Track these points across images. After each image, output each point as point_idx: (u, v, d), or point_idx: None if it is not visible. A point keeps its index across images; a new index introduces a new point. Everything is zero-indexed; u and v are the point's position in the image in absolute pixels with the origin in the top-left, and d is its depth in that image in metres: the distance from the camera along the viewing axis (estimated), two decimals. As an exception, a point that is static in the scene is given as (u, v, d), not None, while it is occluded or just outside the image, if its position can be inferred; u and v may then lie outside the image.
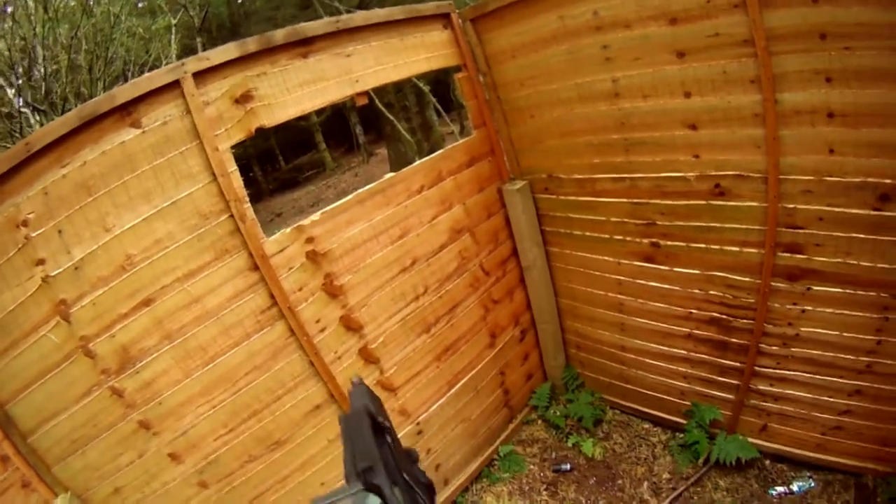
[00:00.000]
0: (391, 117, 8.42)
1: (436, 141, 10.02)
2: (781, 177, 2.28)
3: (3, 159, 1.94)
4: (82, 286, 2.05)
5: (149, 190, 2.09)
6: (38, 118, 5.97)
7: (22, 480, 2.09)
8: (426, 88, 8.41)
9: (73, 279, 2.04)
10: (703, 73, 2.30)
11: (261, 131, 2.32)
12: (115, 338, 2.11)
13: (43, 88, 6.06)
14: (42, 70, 6.08)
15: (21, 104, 5.89)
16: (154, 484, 2.27)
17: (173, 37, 7.52)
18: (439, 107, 9.01)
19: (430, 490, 0.78)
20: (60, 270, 2.02)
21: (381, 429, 0.74)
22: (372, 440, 0.70)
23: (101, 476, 2.20)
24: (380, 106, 8.20)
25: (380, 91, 9.19)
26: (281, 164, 19.32)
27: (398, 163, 10.57)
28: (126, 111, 2.02)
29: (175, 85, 2.08)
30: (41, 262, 2.00)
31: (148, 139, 2.06)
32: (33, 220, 1.97)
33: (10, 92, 6.09)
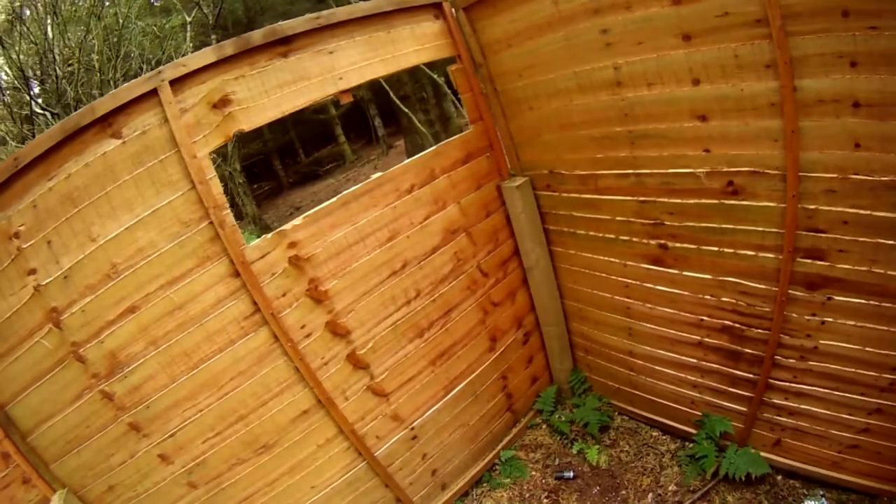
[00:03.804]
0: (405, 110, 8.35)
1: (453, 132, 9.93)
2: (801, 174, 2.04)
3: (-7, 175, 2.00)
4: (71, 294, 2.11)
5: (130, 199, 2.10)
6: (53, 121, 6.16)
7: (22, 477, 2.20)
8: (441, 80, 8.25)
9: (62, 288, 2.09)
10: (712, 57, 2.07)
11: (240, 135, 2.28)
12: (104, 344, 2.16)
13: (56, 92, 6.23)
14: (56, 73, 6.25)
15: (35, 107, 6.08)
16: (146, 483, 2.34)
17: (188, 34, 7.59)
18: (455, 98, 8.88)
19: None
20: (51, 279, 2.08)
21: None
22: None
23: (96, 474, 2.29)
24: (394, 99, 8.11)
25: (396, 83, 9.11)
26: (301, 157, 19.48)
27: (415, 154, 10.56)
28: (107, 122, 2.04)
29: (153, 93, 2.07)
30: (33, 271, 2.07)
31: (128, 149, 2.07)
32: (24, 232, 2.03)
33: (26, 96, 6.28)
